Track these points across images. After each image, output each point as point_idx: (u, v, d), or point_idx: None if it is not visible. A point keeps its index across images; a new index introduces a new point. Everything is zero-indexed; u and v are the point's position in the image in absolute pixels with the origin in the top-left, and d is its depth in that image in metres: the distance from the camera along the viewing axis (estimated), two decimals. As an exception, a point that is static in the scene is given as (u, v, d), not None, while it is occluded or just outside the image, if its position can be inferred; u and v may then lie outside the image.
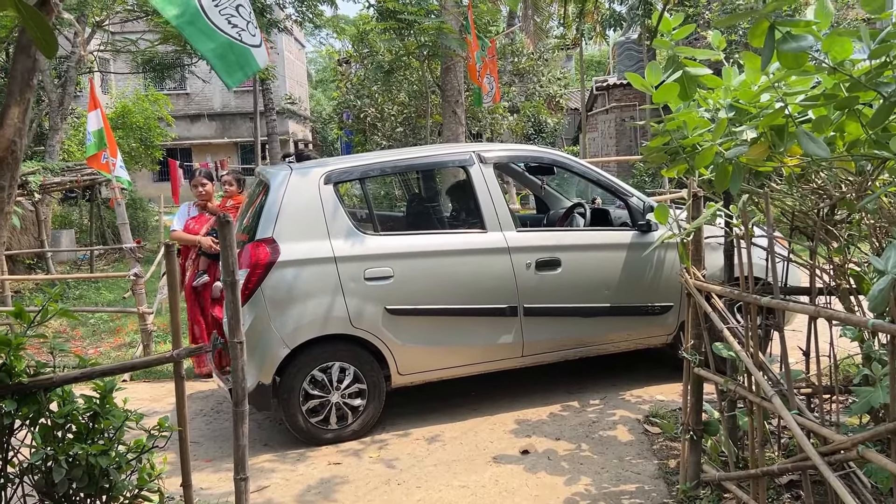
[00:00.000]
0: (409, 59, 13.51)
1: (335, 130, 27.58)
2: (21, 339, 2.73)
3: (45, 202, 12.61)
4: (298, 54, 40.30)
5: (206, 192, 6.48)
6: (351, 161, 5.24)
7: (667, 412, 4.78)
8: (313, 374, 4.66)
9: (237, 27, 3.47)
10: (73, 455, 2.68)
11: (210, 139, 34.25)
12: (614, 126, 21.37)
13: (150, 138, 21.00)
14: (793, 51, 2.53)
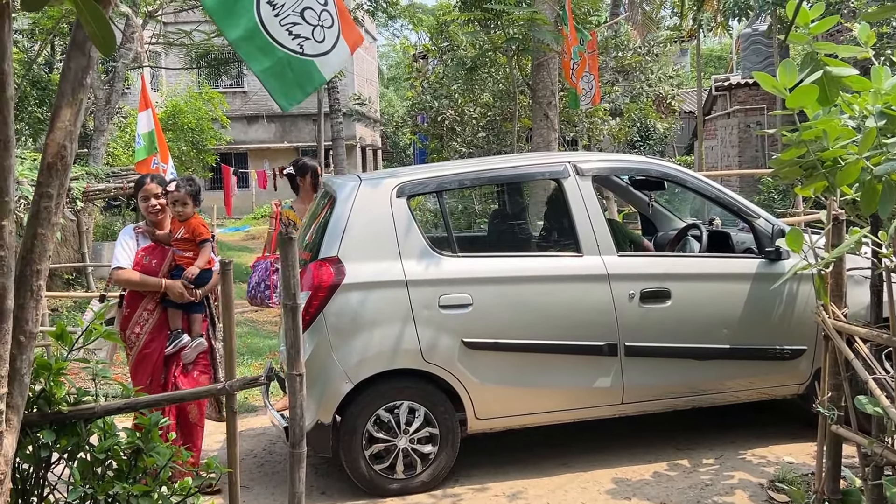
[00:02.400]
0: (494, 55, 13.62)
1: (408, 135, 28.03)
2: (62, 364, 2.86)
3: (88, 211, 13.18)
4: (369, 48, 41.21)
5: (160, 207, 5.00)
6: (426, 171, 5.31)
7: (796, 477, 4.63)
8: (379, 414, 4.72)
9: (299, 37, 3.54)
10: (113, 494, 2.78)
11: (268, 143, 35.26)
12: (737, 133, 20.95)
13: (203, 141, 21.79)
14: (960, 48, 2.46)
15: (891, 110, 3.15)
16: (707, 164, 22.62)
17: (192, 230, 4.97)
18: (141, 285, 4.89)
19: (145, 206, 4.99)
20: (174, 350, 4.94)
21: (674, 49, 24.19)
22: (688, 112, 26.94)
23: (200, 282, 4.93)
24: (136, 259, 4.92)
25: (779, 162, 3.64)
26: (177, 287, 4.86)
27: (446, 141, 17.79)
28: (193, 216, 5.04)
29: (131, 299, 4.96)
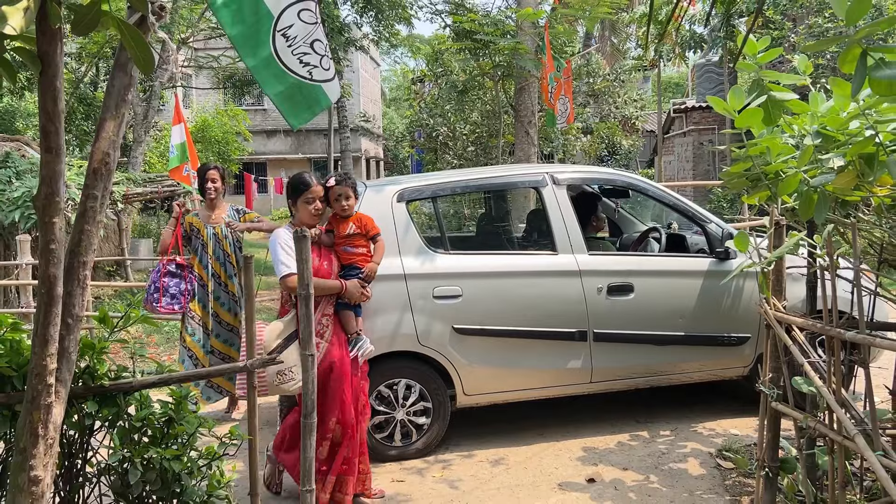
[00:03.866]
0: (482, 79, 13.63)
1: (407, 149, 27.96)
2: (104, 344, 2.86)
3: (127, 212, 13.15)
4: (373, 73, 41.09)
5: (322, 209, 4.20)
6: (423, 180, 5.31)
7: (741, 447, 4.64)
8: (380, 390, 4.71)
9: (309, 65, 3.56)
10: (148, 458, 2.78)
11: (285, 154, 35.16)
12: (692, 149, 20.99)
13: (228, 152, 21.72)
14: (886, 78, 2.46)
15: (826, 130, 3.16)
16: (666, 177, 22.66)
17: (364, 225, 4.23)
18: (320, 290, 3.92)
19: (311, 208, 4.07)
20: (362, 356, 4.14)
21: (638, 76, 24.21)
22: (649, 131, 26.93)
23: (369, 280, 4.23)
24: None
25: (728, 174, 3.64)
26: (357, 288, 4.11)
27: (440, 154, 17.78)
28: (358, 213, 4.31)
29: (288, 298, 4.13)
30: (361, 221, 4.23)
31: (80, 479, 2.87)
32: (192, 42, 19.78)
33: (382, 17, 17.41)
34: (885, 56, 2.50)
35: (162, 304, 5.39)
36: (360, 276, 4.14)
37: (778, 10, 15.79)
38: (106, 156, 2.44)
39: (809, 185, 3.05)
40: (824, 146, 3.14)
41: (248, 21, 3.33)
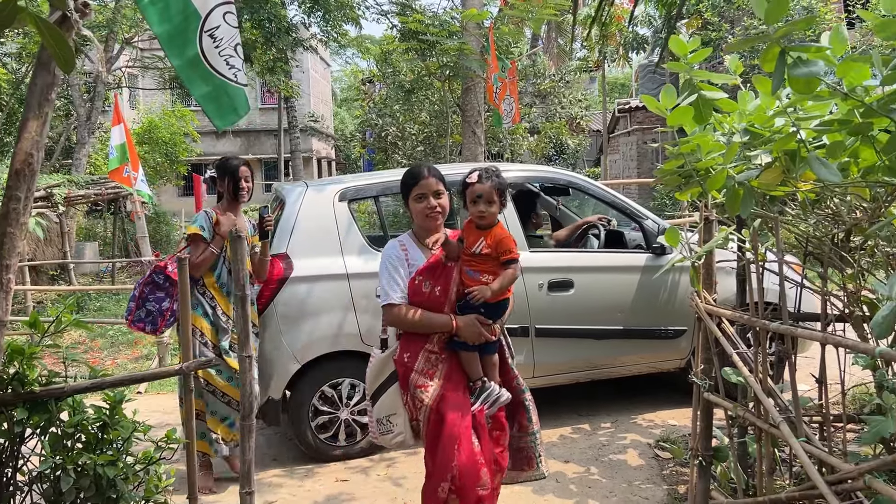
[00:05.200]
0: (430, 80, 13.62)
1: (358, 149, 27.83)
2: (34, 349, 2.77)
3: (70, 214, 12.80)
4: (324, 73, 40.76)
5: (440, 210, 3.17)
6: (366, 179, 5.27)
7: (678, 437, 4.73)
8: (323, 390, 4.67)
9: (234, 68, 3.50)
10: (81, 465, 2.70)
11: (234, 155, 34.64)
12: (636, 148, 21.34)
13: (176, 153, 21.29)
14: (804, 76, 2.52)
15: (753, 128, 3.22)
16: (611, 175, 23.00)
17: (498, 244, 3.04)
18: (425, 327, 3.06)
19: (422, 206, 3.09)
20: (491, 408, 3.13)
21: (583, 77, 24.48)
22: (595, 131, 27.29)
23: (496, 313, 3.12)
24: (413, 286, 3.06)
25: (662, 171, 3.69)
26: (474, 327, 3.04)
27: (390, 154, 17.74)
28: (498, 224, 3.13)
29: (408, 343, 3.12)
30: (496, 239, 3.04)
31: (11, 489, 2.78)
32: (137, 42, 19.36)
33: (330, 18, 17.24)
34: (804, 55, 2.57)
35: (132, 319, 4.34)
36: (480, 311, 3.05)
37: (715, 11, 16.13)
38: (29, 156, 2.36)
39: (736, 181, 3.12)
40: (752, 143, 3.21)
41: (175, 20, 3.26)
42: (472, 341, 3.05)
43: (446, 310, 3.05)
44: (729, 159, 3.12)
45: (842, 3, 18.14)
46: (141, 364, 7.75)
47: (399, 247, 3.13)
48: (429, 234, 3.14)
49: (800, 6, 14.69)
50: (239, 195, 4.53)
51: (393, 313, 3.06)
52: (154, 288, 4.31)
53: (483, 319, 3.05)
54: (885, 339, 2.10)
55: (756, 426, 3.02)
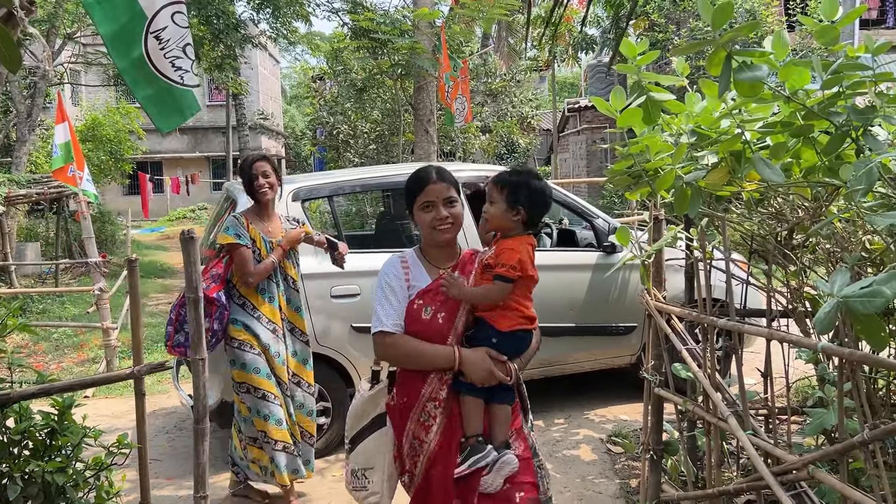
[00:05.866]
0: (382, 78, 13.58)
1: (308, 146, 27.58)
2: (-24, 354, 2.69)
3: (11, 214, 12.41)
4: (273, 70, 40.29)
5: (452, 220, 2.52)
6: (320, 178, 5.24)
7: (629, 432, 4.82)
8: (278, 391, 4.63)
9: (181, 69, 3.44)
10: (28, 472, 2.64)
11: (181, 153, 34.01)
12: (585, 147, 21.62)
13: (121, 151, 20.78)
14: (748, 80, 2.61)
15: (700, 129, 3.31)
16: (561, 174, 23.26)
17: (500, 254, 2.40)
18: (421, 361, 2.42)
19: (430, 217, 2.44)
20: (469, 471, 2.38)
21: (533, 76, 24.70)
22: (545, 130, 27.56)
23: (513, 347, 2.45)
24: (411, 312, 2.43)
25: (612, 171, 3.76)
26: (484, 363, 2.36)
27: (342, 152, 17.63)
28: (523, 237, 2.45)
29: (407, 382, 2.49)
30: (502, 248, 2.42)
31: (-46, 499, 2.70)
32: (80, 37, 18.85)
33: (279, 14, 17.06)
34: (748, 59, 2.65)
35: (172, 344, 4.04)
36: (492, 341, 2.38)
37: (662, 13, 16.43)
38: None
39: (684, 181, 3.20)
40: (699, 144, 3.29)
41: (120, 20, 3.19)
42: (480, 382, 2.35)
43: (451, 341, 2.39)
44: (677, 160, 3.20)
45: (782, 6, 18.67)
46: (87, 368, 7.57)
47: (399, 264, 2.50)
48: (440, 250, 2.50)
49: (742, 9, 15.07)
50: (258, 194, 4.10)
51: (384, 343, 2.41)
52: None
53: (495, 354, 2.35)
54: (826, 334, 2.18)
55: (705, 420, 3.11)
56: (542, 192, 2.44)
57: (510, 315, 2.40)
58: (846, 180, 2.51)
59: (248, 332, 4.02)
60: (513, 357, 2.43)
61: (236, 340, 3.99)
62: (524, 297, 2.44)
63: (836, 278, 2.02)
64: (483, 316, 2.42)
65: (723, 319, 2.91)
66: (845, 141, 2.81)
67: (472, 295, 2.40)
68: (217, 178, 32.68)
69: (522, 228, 2.42)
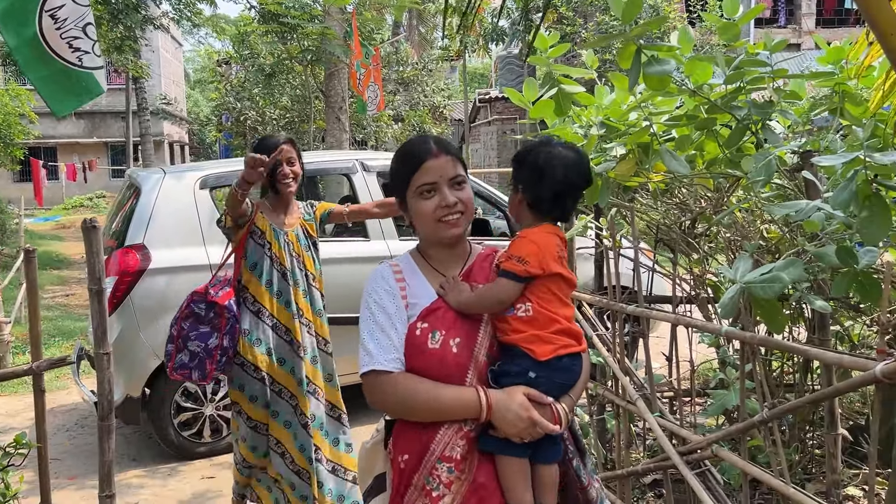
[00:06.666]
0: (291, 64, 13.33)
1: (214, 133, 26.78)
2: None
3: None
4: (175, 53, 38.91)
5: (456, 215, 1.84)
6: (228, 165, 5.11)
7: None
8: (186, 385, 4.51)
9: (79, 50, 3.26)
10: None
11: (77, 138, 32.44)
12: (496, 138, 21.88)
13: (11, 136, 19.63)
14: (657, 74, 2.70)
15: (609, 121, 3.40)
16: (473, 164, 23.45)
17: (510, 246, 1.81)
18: (433, 410, 1.71)
19: (433, 206, 1.77)
20: None
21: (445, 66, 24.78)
22: (457, 120, 27.71)
23: (560, 383, 1.75)
24: (414, 339, 1.74)
25: (525, 161, 3.82)
26: (521, 409, 1.66)
27: (249, 139, 17.23)
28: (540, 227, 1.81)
29: (408, 434, 1.77)
30: (515, 239, 1.84)
31: None
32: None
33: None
34: (657, 53, 2.74)
35: (174, 365, 3.26)
36: (529, 375, 1.70)
37: (570, 6, 16.77)
38: None
39: (594, 172, 3.28)
40: (608, 136, 3.39)
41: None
42: (519, 436, 1.66)
43: (470, 379, 1.71)
44: (588, 151, 3.28)
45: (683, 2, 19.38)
46: (-24, 365, 7.14)
47: (391, 275, 1.82)
48: (447, 250, 1.84)
49: (646, 4, 15.54)
50: (280, 185, 3.36)
51: (379, 387, 1.71)
52: (195, 322, 3.23)
53: (537, 395, 1.68)
54: (729, 318, 2.29)
55: (614, 403, 3.22)
56: (545, 167, 1.78)
57: (548, 336, 1.70)
58: (747, 172, 2.63)
59: (259, 349, 3.32)
60: (559, 395, 1.72)
61: (241, 357, 3.33)
62: (560, 305, 1.73)
63: (738, 265, 2.12)
64: (512, 341, 1.73)
65: (631, 306, 3.01)
66: (745, 134, 2.95)
67: (470, 301, 1.73)
68: (116, 165, 31.35)
69: (531, 214, 1.82)
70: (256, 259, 3.34)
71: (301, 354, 3.39)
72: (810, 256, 2.42)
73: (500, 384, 1.71)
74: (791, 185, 2.98)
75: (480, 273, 1.82)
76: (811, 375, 3.48)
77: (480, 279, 1.80)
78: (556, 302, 1.73)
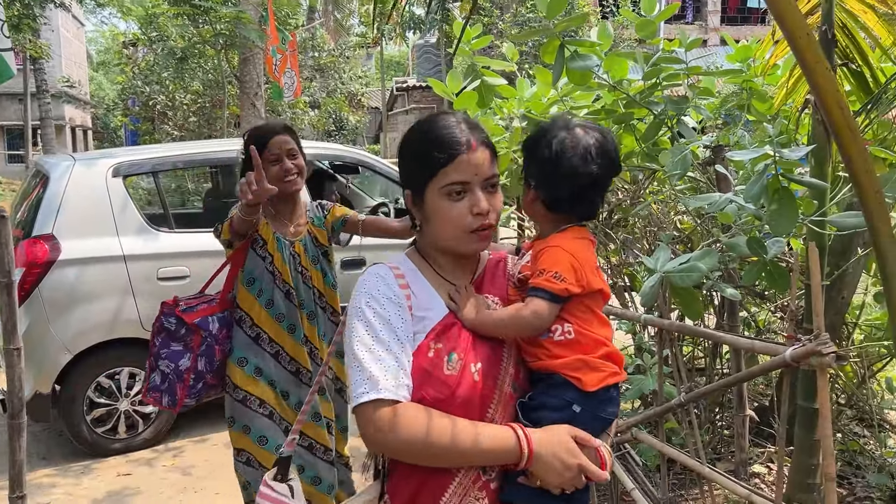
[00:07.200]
0: (204, 47, 12.96)
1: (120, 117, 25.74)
2: None
3: None
4: (77, 33, 37.13)
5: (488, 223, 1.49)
6: (142, 153, 4.95)
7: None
8: (99, 381, 4.36)
9: None
10: None
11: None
12: (414, 126, 21.88)
13: None
14: (580, 68, 2.77)
15: (531, 114, 3.47)
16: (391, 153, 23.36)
17: (538, 258, 1.46)
18: (462, 454, 1.32)
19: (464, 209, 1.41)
20: None
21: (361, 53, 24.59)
22: (374, 108, 27.56)
23: (604, 418, 1.45)
24: (424, 363, 1.38)
25: (449, 152, 3.85)
26: (571, 454, 1.33)
27: (158, 124, 16.69)
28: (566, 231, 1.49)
29: (411, 481, 1.40)
30: (541, 248, 1.48)
31: None
32: None
33: (86, -27, 15.78)
34: (579, 49, 2.81)
35: (148, 387, 2.76)
36: (573, 409, 1.40)
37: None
38: None
39: (517, 164, 3.35)
40: (530, 128, 3.45)
41: None
42: (562, 486, 1.35)
43: (492, 413, 1.41)
44: (512, 144, 3.34)
45: None
46: None
47: (393, 277, 1.46)
48: (462, 258, 1.51)
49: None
50: (283, 185, 2.67)
51: (385, 421, 1.30)
52: (167, 338, 2.74)
53: (585, 437, 1.36)
54: (649, 306, 2.39)
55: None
56: (561, 156, 1.45)
57: (596, 361, 1.43)
58: (664, 165, 2.74)
59: (261, 379, 2.77)
60: (600, 432, 1.44)
61: (241, 391, 2.75)
62: (600, 324, 1.47)
63: (658, 255, 2.21)
64: (552, 368, 1.42)
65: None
66: (661, 128, 3.07)
67: (494, 323, 1.44)
68: (13, 150, 29.75)
69: (550, 215, 1.50)
70: (255, 273, 2.73)
71: (310, 385, 2.78)
72: (722, 246, 2.55)
73: (534, 420, 1.39)
74: (703, 178, 3.12)
75: (494, 282, 1.53)
76: (720, 360, 3.66)
77: (495, 290, 1.52)
78: (596, 321, 1.46)
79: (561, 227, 1.49)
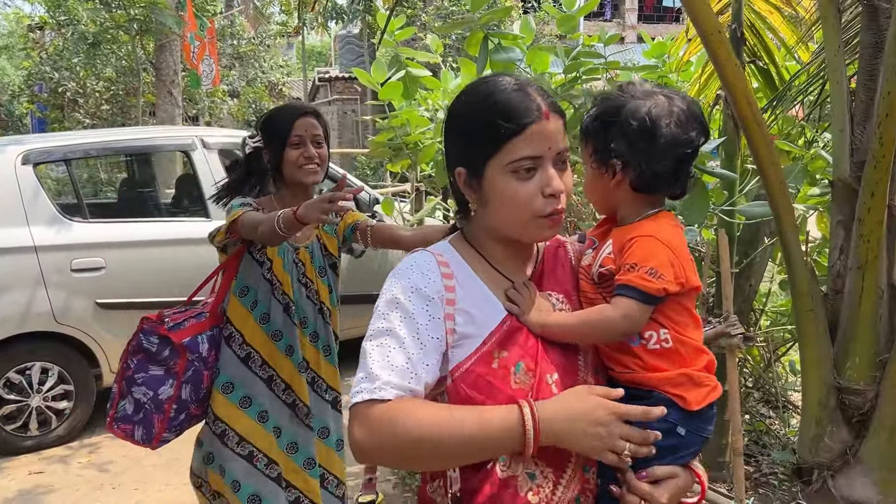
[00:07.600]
0: (117, 33, 12.51)
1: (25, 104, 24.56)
2: None
3: None
4: (-22, 14, 35.19)
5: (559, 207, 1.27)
6: (54, 140, 4.77)
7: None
8: (8, 376, 4.19)
9: None
10: None
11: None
12: (337, 118, 21.65)
13: None
14: (503, 61, 2.83)
15: (455, 105, 3.51)
16: (313, 143, 23.08)
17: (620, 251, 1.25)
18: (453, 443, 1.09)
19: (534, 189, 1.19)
20: None
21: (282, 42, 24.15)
22: (296, 98, 27.13)
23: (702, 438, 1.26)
24: (491, 374, 1.18)
25: (374, 143, 3.87)
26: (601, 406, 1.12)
27: (68, 112, 16.00)
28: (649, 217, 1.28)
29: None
30: (627, 239, 1.26)
31: None
32: None
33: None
34: (502, 41, 2.87)
35: (115, 416, 2.32)
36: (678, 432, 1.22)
37: (411, -11, 16.89)
38: None
39: (442, 155, 3.39)
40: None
41: None
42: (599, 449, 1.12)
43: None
44: (438, 134, 3.38)
45: (519, -8, 20.05)
46: None
47: (436, 267, 1.24)
48: (519, 248, 1.31)
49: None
50: (301, 171, 2.37)
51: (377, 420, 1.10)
52: (145, 361, 2.31)
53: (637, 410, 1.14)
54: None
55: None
56: (658, 125, 1.24)
57: (699, 376, 1.24)
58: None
59: (247, 412, 2.34)
60: (695, 455, 1.28)
61: (222, 424, 2.33)
62: (696, 327, 1.28)
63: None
64: (648, 383, 1.24)
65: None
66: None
67: (570, 326, 1.24)
68: None
69: (636, 198, 1.30)
70: (250, 281, 2.36)
71: (308, 423, 2.39)
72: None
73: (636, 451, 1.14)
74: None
75: (555, 276, 1.32)
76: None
77: (557, 286, 1.31)
78: (692, 324, 1.26)
79: (646, 211, 1.29)
